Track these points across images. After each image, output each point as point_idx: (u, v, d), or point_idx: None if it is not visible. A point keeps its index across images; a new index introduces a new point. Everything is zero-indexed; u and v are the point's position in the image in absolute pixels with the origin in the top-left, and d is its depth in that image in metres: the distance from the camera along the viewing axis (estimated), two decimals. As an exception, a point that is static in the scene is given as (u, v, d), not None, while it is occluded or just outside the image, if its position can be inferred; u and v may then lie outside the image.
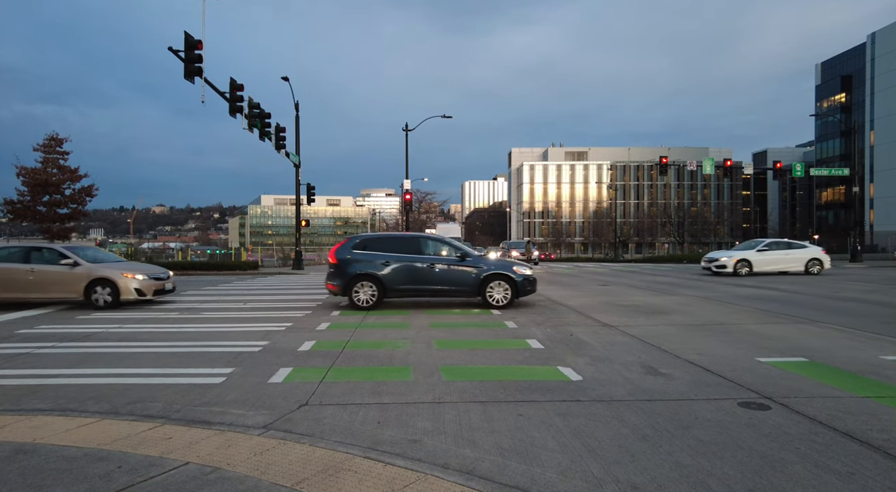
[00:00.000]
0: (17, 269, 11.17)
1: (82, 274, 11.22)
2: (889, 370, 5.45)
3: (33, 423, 4.00)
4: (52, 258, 11.38)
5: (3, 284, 11.10)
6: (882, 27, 65.53)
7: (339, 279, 10.91)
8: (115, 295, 11.22)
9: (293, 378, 5.38)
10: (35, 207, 33.91)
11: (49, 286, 11.20)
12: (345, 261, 10.94)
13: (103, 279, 11.22)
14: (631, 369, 5.64)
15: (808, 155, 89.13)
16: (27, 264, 11.24)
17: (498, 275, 10.78)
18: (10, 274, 11.12)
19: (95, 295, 11.19)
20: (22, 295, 11.21)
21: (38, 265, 11.23)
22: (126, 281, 11.31)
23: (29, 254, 11.52)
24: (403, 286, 10.86)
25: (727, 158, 35.10)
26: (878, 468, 3.18)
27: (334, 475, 3.06)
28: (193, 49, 16.17)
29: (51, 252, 11.54)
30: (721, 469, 3.18)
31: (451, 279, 10.82)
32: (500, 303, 10.72)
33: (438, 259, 10.91)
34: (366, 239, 11.40)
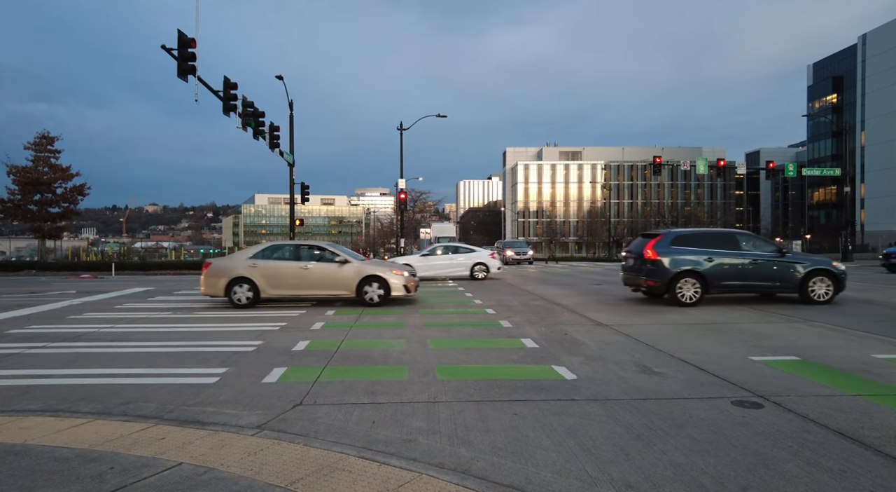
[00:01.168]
0: (291, 266, 11.26)
1: (354, 272, 11.29)
2: (880, 368, 5.50)
3: (24, 424, 3.96)
4: (324, 256, 11.52)
5: (278, 280, 11.17)
6: (873, 29, 66.14)
7: (659, 276, 10.79)
8: (385, 292, 11.22)
9: (287, 378, 5.35)
10: (26, 206, 33.62)
11: (322, 283, 11.28)
12: (668, 258, 10.74)
13: (374, 276, 11.27)
14: (625, 368, 5.66)
15: (800, 155, 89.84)
16: (300, 262, 11.34)
17: None
18: (284, 271, 11.22)
19: (368, 292, 11.21)
20: (295, 292, 11.32)
21: (311, 263, 11.33)
22: (396, 279, 11.36)
23: (300, 251, 11.63)
24: (726, 283, 10.76)
25: (720, 158, 35.33)
26: (869, 466, 3.20)
27: (329, 475, 3.05)
28: (187, 47, 16.07)
29: (322, 250, 11.69)
30: (715, 467, 3.20)
31: (773, 276, 10.79)
32: None
33: (760, 255, 10.84)
34: (682, 235, 11.23)
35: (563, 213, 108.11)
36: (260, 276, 11.01)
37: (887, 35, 63.25)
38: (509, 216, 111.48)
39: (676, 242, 10.95)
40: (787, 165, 34.76)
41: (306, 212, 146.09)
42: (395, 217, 70.79)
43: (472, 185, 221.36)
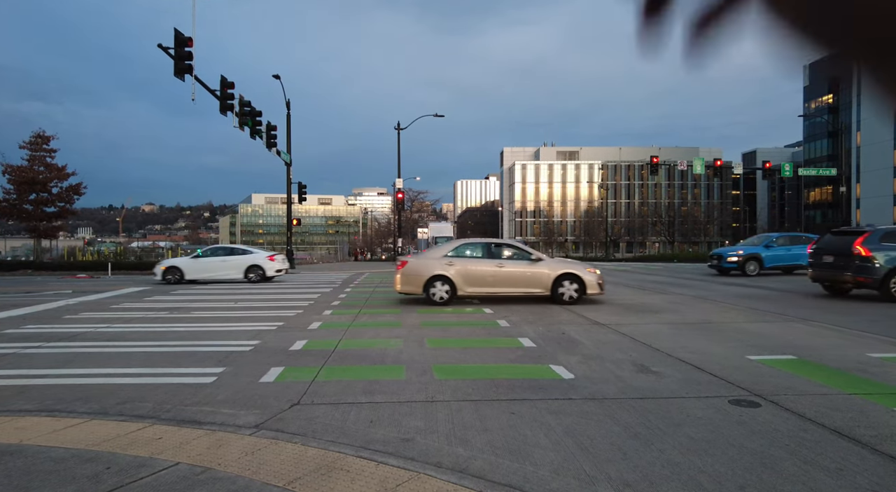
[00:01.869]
0: (486, 264, 11.29)
1: (549, 269, 11.28)
2: (876, 367, 5.52)
3: (20, 424, 3.94)
4: (518, 255, 11.53)
5: (474, 278, 11.21)
6: (869, 29, 66.36)
7: (871, 273, 10.74)
8: (581, 290, 11.19)
9: (285, 377, 5.34)
10: (21, 206, 33.45)
11: (517, 281, 11.28)
12: (881, 254, 10.68)
13: (569, 274, 11.26)
14: (623, 367, 5.67)
15: (796, 155, 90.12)
16: (494, 260, 11.37)
17: None
18: (480, 269, 11.24)
19: (563, 290, 11.18)
20: (490, 289, 11.33)
21: (506, 261, 11.35)
22: (590, 276, 11.33)
23: (493, 250, 11.63)
24: None
25: (717, 158, 35.45)
26: (865, 464, 3.21)
27: (327, 475, 3.04)
28: (183, 46, 16.03)
29: (515, 248, 11.72)
30: (712, 466, 3.20)
31: None
32: None
33: None
34: (890, 231, 11.18)
35: (560, 212, 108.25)
36: (457, 274, 11.13)
37: (883, 36, 63.48)
38: (507, 216, 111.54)
39: (886, 239, 10.97)
40: (783, 165, 34.89)
41: (303, 211, 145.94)
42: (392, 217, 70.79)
43: (469, 184, 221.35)
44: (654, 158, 34.31)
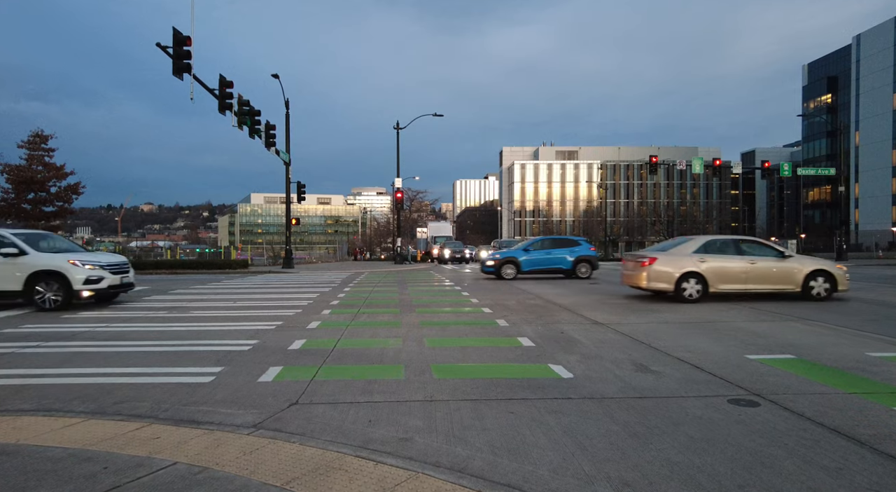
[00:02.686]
0: (738, 261, 11.27)
1: (799, 266, 11.27)
2: (875, 367, 5.52)
3: (17, 423, 3.93)
4: (768, 251, 11.54)
5: (726, 276, 11.20)
6: (867, 29, 66.52)
7: None
8: (831, 286, 11.17)
9: (283, 377, 5.33)
10: (20, 205, 33.41)
11: (769, 278, 11.28)
12: None
13: (821, 271, 11.22)
14: (622, 366, 5.66)
15: (795, 155, 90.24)
16: (745, 257, 11.35)
17: None
18: (732, 266, 11.23)
19: (814, 287, 11.17)
20: (742, 286, 11.29)
21: (757, 258, 11.35)
22: (839, 272, 11.28)
23: (742, 247, 11.61)
24: None
25: (716, 158, 35.48)
26: (865, 464, 3.21)
27: (325, 475, 3.03)
28: (182, 45, 16.00)
29: (761, 244, 11.78)
30: (711, 466, 3.20)
31: None
32: None
33: None
34: None
35: (559, 212, 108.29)
36: (708, 271, 11.11)
37: (881, 36, 63.63)
38: (506, 216, 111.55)
39: None
40: (782, 165, 34.91)
41: (302, 211, 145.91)
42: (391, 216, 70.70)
43: (468, 184, 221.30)
44: (653, 158, 34.32)
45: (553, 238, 19.86)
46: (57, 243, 12.07)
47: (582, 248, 18.62)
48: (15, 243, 10.75)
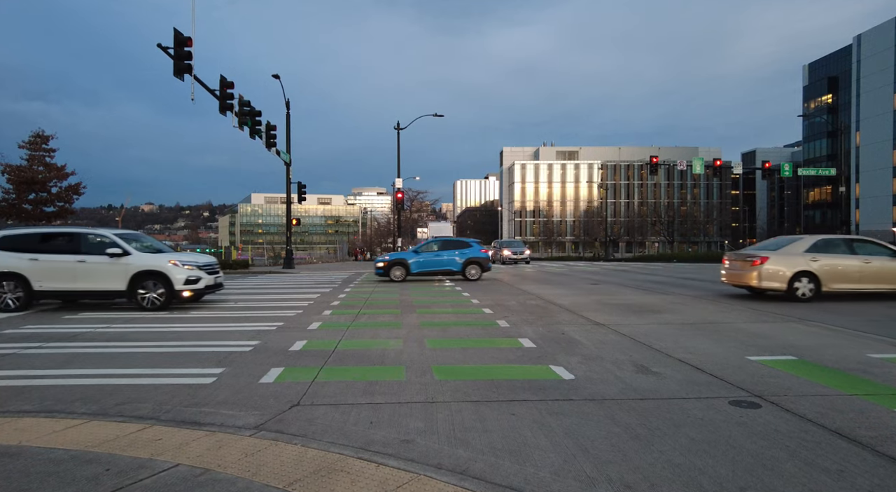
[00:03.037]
0: (851, 260, 11.33)
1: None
2: (876, 368, 5.52)
3: (19, 425, 3.93)
4: (880, 251, 11.63)
5: (840, 275, 11.22)
6: (868, 29, 66.46)
7: None
8: None
9: (284, 378, 5.33)
10: (20, 205, 33.38)
11: (884, 277, 11.40)
12: None
13: None
14: (623, 367, 5.66)
15: (795, 155, 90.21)
16: (858, 256, 11.41)
17: None
18: (846, 265, 11.28)
19: None
20: (855, 286, 11.36)
21: (871, 256, 11.44)
22: None
23: (854, 246, 11.66)
24: None
25: (716, 158, 35.47)
26: (866, 465, 3.21)
27: (327, 476, 3.04)
28: (183, 46, 16.01)
29: (873, 244, 11.80)
30: (713, 468, 3.20)
31: None
32: None
33: None
34: None
35: (559, 212, 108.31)
36: (821, 270, 11.14)
37: (882, 36, 63.58)
38: (506, 216, 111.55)
39: None
40: (782, 165, 34.89)
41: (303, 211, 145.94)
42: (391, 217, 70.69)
43: (468, 184, 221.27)
44: (654, 158, 34.32)
45: (445, 240, 19.95)
46: (148, 243, 12.20)
47: (472, 249, 18.72)
48: (118, 244, 10.91)
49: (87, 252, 10.77)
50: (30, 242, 10.88)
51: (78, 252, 10.76)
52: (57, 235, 11.15)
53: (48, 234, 11.21)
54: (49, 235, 11.18)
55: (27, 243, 10.83)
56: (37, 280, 10.62)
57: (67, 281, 10.68)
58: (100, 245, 10.87)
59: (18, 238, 10.91)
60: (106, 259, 10.67)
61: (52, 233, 11.29)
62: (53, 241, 11.01)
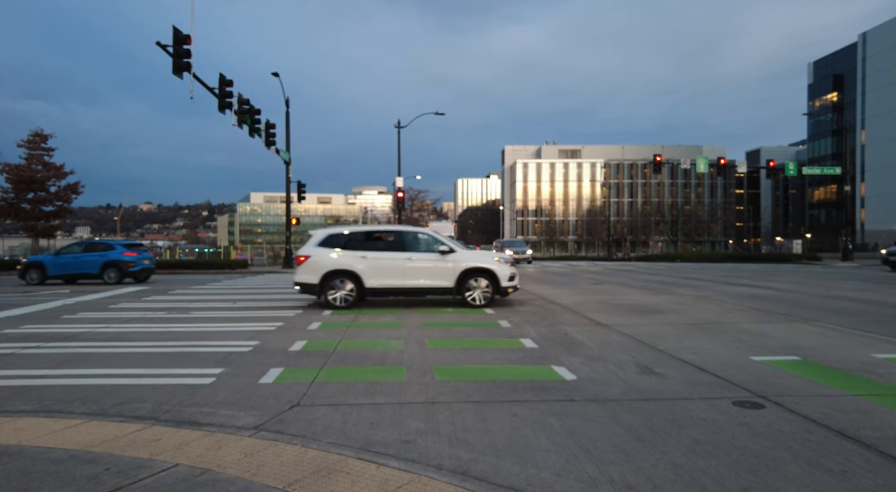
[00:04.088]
0: None
1: None
2: (880, 368, 5.48)
3: (18, 424, 3.92)
4: None
5: None
6: (873, 27, 66.17)
7: None
8: None
9: (284, 378, 5.32)
10: (19, 205, 33.48)
11: None
12: None
13: None
14: (625, 368, 5.63)
15: (800, 154, 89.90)
16: None
17: None
18: None
19: None
20: None
21: None
22: None
23: None
24: None
25: (721, 157, 35.33)
26: (870, 466, 3.18)
27: (327, 477, 3.02)
28: (182, 44, 16.01)
29: None
30: (716, 468, 3.17)
31: None
32: None
33: None
34: None
35: (562, 212, 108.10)
36: None
37: (887, 33, 63.29)
38: (508, 215, 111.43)
39: None
40: (787, 164, 34.73)
41: (303, 210, 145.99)
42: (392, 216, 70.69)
43: (470, 183, 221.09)
44: (658, 157, 34.23)
45: (88, 242, 20.53)
46: (447, 241, 12.36)
47: (115, 252, 18.90)
48: (444, 241, 11.07)
49: (412, 250, 10.93)
50: (356, 240, 11.00)
51: (404, 250, 10.90)
52: (383, 234, 11.35)
53: (374, 232, 11.39)
54: (375, 233, 11.37)
55: (354, 242, 10.95)
56: (368, 278, 10.70)
57: (397, 278, 10.78)
58: (425, 242, 11.07)
59: (344, 237, 11.02)
60: (433, 256, 10.83)
61: (378, 231, 11.48)
62: (380, 239, 11.19)
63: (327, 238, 10.97)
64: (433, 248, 10.90)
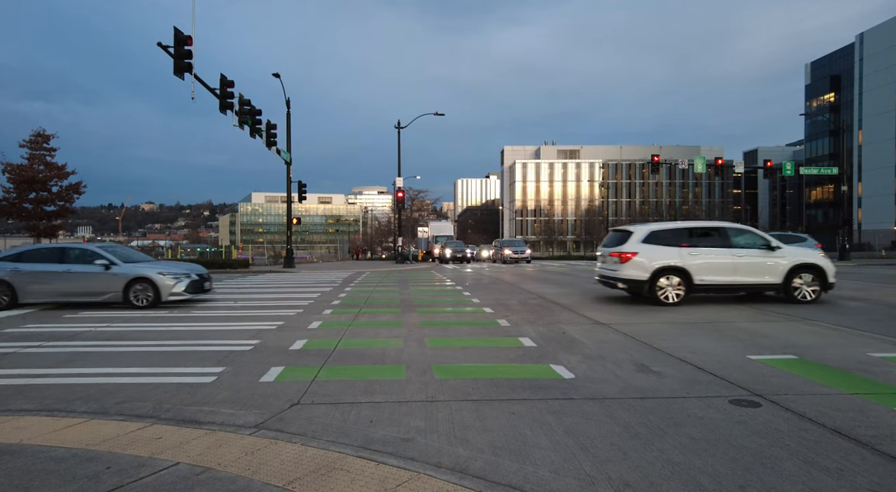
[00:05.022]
0: None
1: None
2: (876, 367, 5.51)
3: (20, 423, 3.94)
4: None
5: None
6: (870, 28, 66.29)
7: None
8: None
9: (284, 377, 5.34)
10: (21, 205, 33.42)
11: None
12: None
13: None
14: (623, 366, 5.66)
15: (797, 154, 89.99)
16: None
17: None
18: None
19: None
20: None
21: None
22: None
23: None
24: None
25: (718, 157, 35.34)
26: (865, 464, 3.21)
27: (327, 475, 3.04)
28: (183, 45, 16.02)
29: None
30: (712, 466, 3.20)
31: None
32: None
33: None
34: None
35: (561, 211, 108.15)
36: None
37: (884, 34, 63.41)
38: (507, 215, 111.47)
39: None
40: (784, 164, 34.77)
41: (303, 210, 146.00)
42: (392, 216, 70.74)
43: (469, 183, 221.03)
44: (655, 157, 34.27)
45: None
46: (767, 236, 12.18)
47: None
48: (766, 238, 11.11)
49: (736, 246, 10.84)
50: (679, 235, 10.91)
51: (730, 246, 10.83)
52: (708, 230, 11.26)
53: (698, 228, 11.26)
54: (699, 229, 11.25)
55: (677, 238, 10.86)
56: (697, 274, 10.63)
57: (726, 275, 10.71)
58: (748, 238, 11.03)
59: (668, 232, 10.96)
60: (760, 253, 10.79)
61: (702, 228, 11.36)
62: (705, 235, 11.09)
63: (650, 235, 10.90)
64: (757, 243, 10.88)
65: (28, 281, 10.96)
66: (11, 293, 10.85)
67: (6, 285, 10.84)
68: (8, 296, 10.85)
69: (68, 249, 11.66)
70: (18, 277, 10.91)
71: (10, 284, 10.84)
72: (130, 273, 10.99)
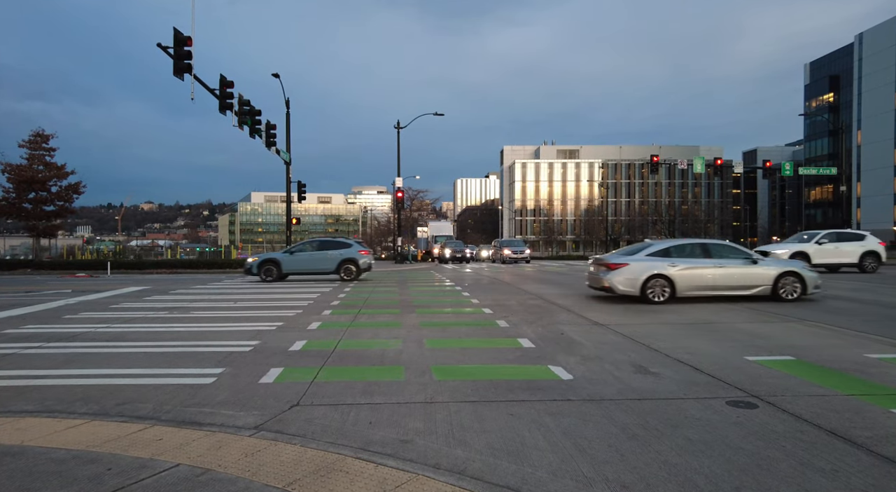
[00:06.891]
0: None
1: None
2: (873, 368, 5.54)
3: (20, 425, 3.96)
4: None
5: None
6: (869, 28, 66.34)
7: None
8: None
9: (284, 378, 5.36)
10: (20, 205, 33.45)
11: None
12: None
13: None
14: (621, 367, 5.69)
15: (797, 154, 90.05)
16: None
17: None
18: None
19: None
20: None
21: None
22: None
23: None
24: None
25: (717, 157, 35.39)
26: (860, 465, 3.24)
27: (326, 476, 3.06)
28: (182, 45, 16.02)
29: None
30: (709, 467, 3.23)
31: None
32: None
33: None
34: None
35: (560, 211, 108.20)
36: None
37: (883, 34, 63.46)
38: (507, 215, 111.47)
39: None
40: (783, 164, 34.82)
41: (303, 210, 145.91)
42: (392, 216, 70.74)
43: (469, 183, 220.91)
44: (655, 157, 34.32)
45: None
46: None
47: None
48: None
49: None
50: None
51: None
52: None
53: None
54: None
55: None
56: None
57: None
58: None
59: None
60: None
61: None
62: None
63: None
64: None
65: None
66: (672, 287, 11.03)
67: None
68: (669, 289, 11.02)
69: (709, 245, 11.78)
70: None
71: None
72: None
